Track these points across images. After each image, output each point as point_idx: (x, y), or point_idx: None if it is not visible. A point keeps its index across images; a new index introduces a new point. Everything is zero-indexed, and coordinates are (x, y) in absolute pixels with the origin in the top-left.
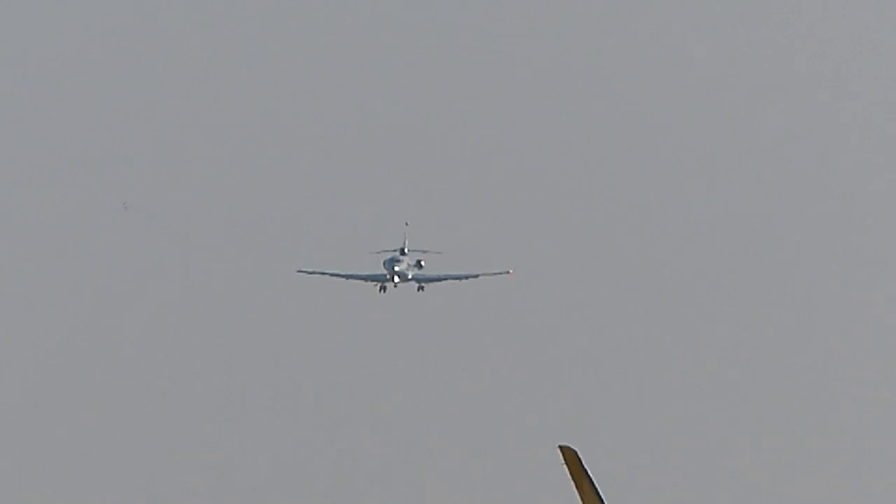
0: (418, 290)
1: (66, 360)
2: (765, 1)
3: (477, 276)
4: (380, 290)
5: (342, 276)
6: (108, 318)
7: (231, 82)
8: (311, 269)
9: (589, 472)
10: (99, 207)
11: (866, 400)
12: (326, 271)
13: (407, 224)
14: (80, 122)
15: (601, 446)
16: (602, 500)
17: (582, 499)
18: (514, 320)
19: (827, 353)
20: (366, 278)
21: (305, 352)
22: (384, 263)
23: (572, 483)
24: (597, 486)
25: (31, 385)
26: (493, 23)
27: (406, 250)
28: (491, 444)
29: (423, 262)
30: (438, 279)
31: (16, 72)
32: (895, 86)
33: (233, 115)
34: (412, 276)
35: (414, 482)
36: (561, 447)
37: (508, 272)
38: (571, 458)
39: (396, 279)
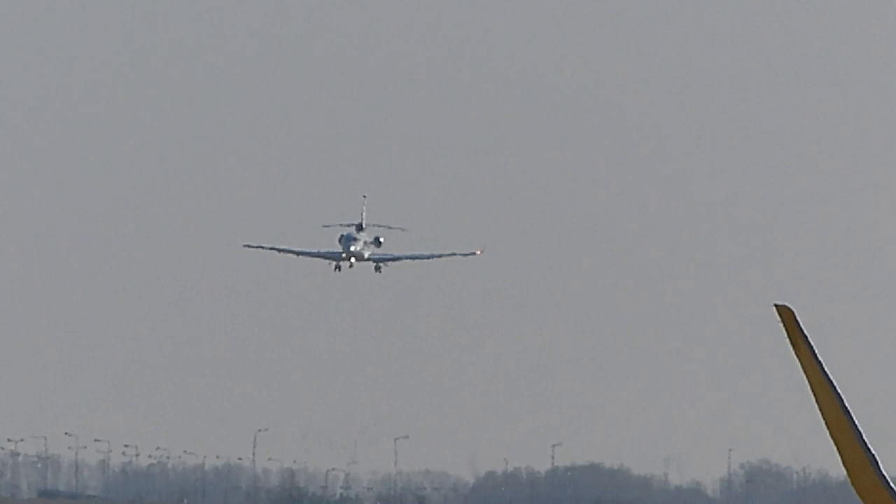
0: (376, 270)
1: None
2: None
3: (441, 255)
4: (334, 269)
5: (292, 252)
6: (52, 298)
7: (178, 54)
8: (258, 244)
9: (805, 330)
10: (41, 180)
11: None
12: (275, 246)
13: (365, 196)
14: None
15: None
16: (818, 358)
17: (798, 356)
18: (481, 306)
19: None
20: (318, 255)
21: (249, 336)
22: (339, 240)
23: (788, 342)
24: (813, 345)
25: None
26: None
27: (363, 225)
28: (454, 443)
29: (381, 240)
30: (398, 258)
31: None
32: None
33: (175, 85)
34: (369, 255)
35: None
36: (777, 306)
37: (476, 252)
38: (788, 316)
39: (352, 259)
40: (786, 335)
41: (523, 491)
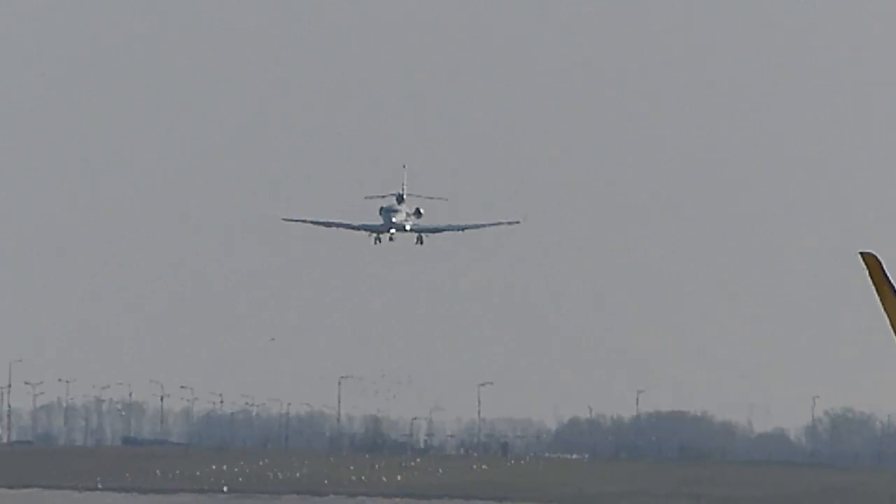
0: (417, 241)
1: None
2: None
3: (483, 225)
4: (374, 241)
5: (332, 224)
6: (139, 253)
7: (220, 29)
8: (297, 217)
9: (890, 278)
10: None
11: None
12: (314, 219)
13: (405, 167)
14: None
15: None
16: None
17: (883, 303)
18: (524, 275)
19: None
20: (358, 228)
21: (289, 312)
22: (380, 212)
23: (873, 289)
24: None
25: None
26: None
27: (404, 196)
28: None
29: (422, 210)
30: (440, 230)
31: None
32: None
33: (216, 57)
34: (410, 226)
35: None
36: (862, 254)
37: (518, 222)
38: (873, 263)
39: (393, 230)
40: (871, 282)
41: (607, 437)
